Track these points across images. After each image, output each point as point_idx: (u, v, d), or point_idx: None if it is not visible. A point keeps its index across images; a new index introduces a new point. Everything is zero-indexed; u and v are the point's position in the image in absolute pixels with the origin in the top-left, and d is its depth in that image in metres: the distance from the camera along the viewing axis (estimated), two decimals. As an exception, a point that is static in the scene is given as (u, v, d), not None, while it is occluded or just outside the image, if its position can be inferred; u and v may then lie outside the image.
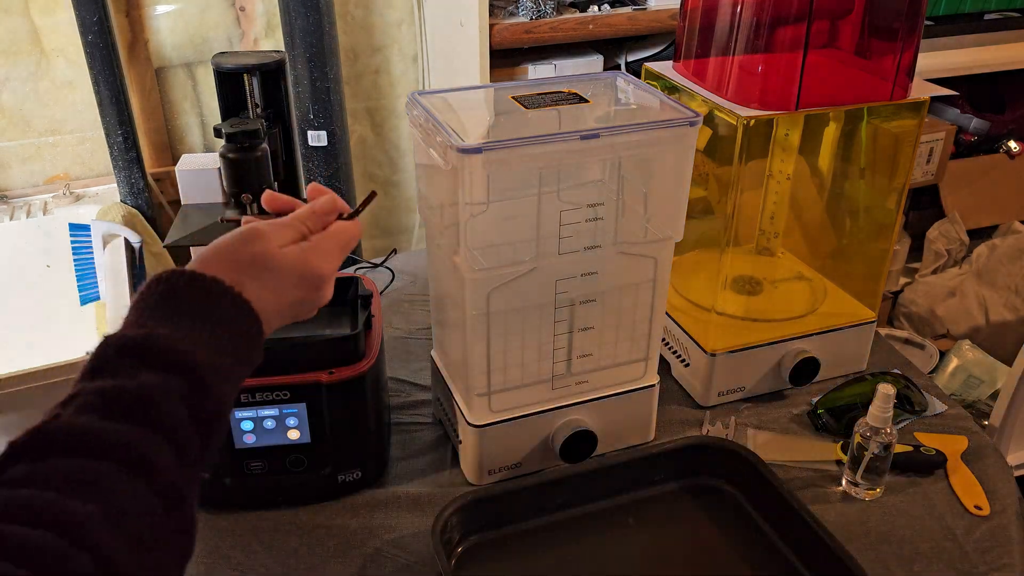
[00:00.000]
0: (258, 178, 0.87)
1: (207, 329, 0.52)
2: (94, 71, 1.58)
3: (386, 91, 1.94)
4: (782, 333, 1.09)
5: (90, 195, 1.74)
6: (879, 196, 1.14)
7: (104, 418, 0.46)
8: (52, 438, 0.45)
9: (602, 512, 0.94)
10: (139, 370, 0.48)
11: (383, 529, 0.92)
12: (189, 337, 0.51)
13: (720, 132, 1.02)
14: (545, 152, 0.80)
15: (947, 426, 1.07)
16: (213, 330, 0.52)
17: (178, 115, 1.79)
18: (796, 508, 0.87)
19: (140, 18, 1.69)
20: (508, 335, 0.89)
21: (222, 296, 0.53)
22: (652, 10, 1.67)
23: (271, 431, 0.89)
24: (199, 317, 0.52)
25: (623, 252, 0.90)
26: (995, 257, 2.11)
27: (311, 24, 1.63)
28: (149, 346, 0.49)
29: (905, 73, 0.99)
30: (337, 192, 1.94)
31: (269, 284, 0.57)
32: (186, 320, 0.51)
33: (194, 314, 0.52)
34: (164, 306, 0.52)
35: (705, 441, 0.99)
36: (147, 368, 0.48)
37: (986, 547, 0.89)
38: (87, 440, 0.45)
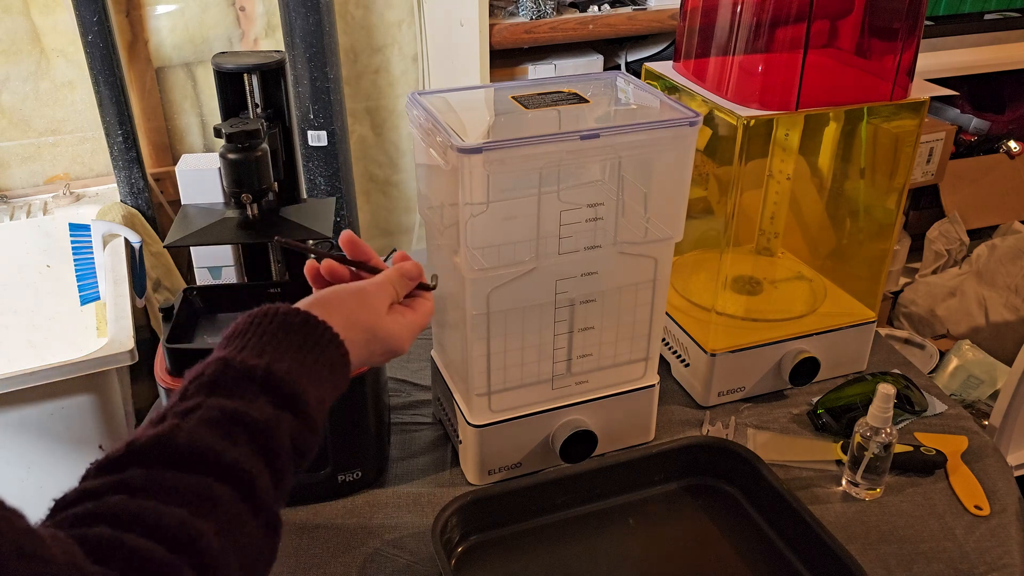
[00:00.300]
0: (258, 178, 0.87)
1: (318, 372, 0.55)
2: (94, 71, 1.58)
3: (386, 91, 1.94)
4: (782, 333, 1.09)
5: (90, 195, 1.74)
6: (879, 196, 1.14)
7: (224, 438, 0.48)
8: (175, 449, 0.47)
9: (602, 512, 0.94)
10: (259, 398, 0.51)
11: (383, 529, 0.92)
12: (305, 376, 0.54)
13: (720, 132, 1.02)
14: (545, 152, 0.80)
15: (947, 426, 1.07)
16: (321, 374, 0.56)
17: (178, 115, 1.79)
18: (796, 508, 0.87)
19: (140, 18, 1.69)
20: (508, 335, 0.89)
21: (332, 345, 0.57)
22: (652, 10, 1.67)
23: (271, 431, 0.89)
24: (313, 358, 0.55)
25: (623, 252, 0.90)
26: (995, 257, 2.11)
27: (311, 24, 1.63)
28: (270, 378, 0.52)
29: (905, 73, 0.99)
30: (336, 192, 1.93)
31: (366, 348, 0.62)
32: (301, 358, 0.55)
33: (308, 354, 0.55)
34: (282, 340, 0.55)
35: (705, 441, 0.99)
36: (266, 398, 0.51)
37: (986, 547, 0.89)
38: (209, 459, 0.47)
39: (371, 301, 0.64)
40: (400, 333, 0.65)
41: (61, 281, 1.61)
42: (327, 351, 0.57)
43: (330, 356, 0.57)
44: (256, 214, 0.89)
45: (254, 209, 0.89)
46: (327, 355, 0.57)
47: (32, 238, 1.63)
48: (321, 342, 0.57)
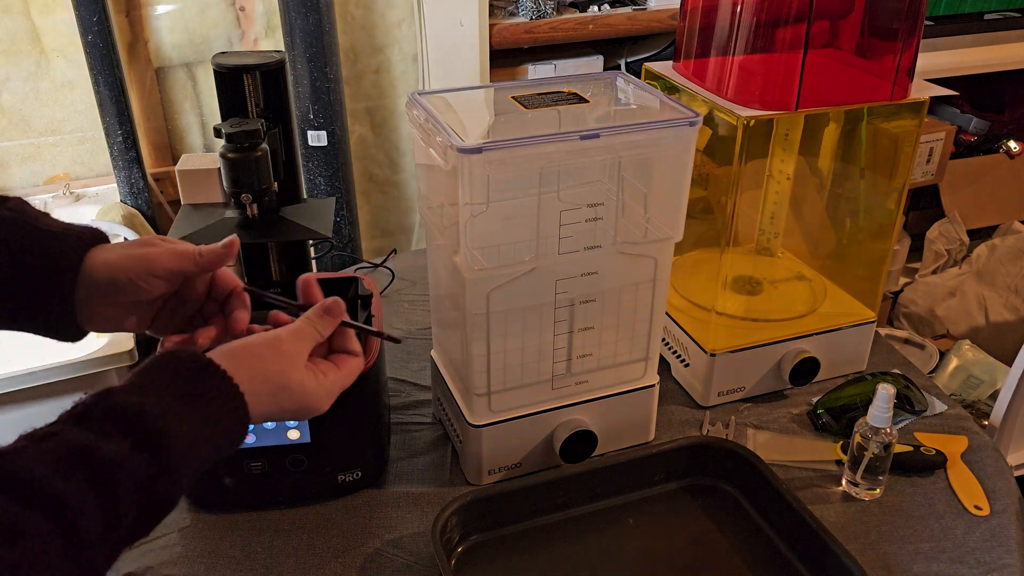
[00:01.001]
0: (258, 178, 0.87)
1: (198, 421, 0.53)
2: (94, 71, 1.58)
3: (386, 91, 1.94)
4: (782, 333, 1.09)
5: (90, 195, 1.74)
6: (879, 196, 1.14)
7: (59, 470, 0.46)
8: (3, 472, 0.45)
9: (602, 512, 0.94)
10: (117, 436, 0.49)
11: (383, 529, 0.92)
12: (180, 422, 0.52)
13: (720, 132, 1.02)
14: (545, 152, 0.80)
15: (947, 426, 1.07)
16: (202, 423, 0.53)
17: (178, 115, 1.79)
18: (796, 508, 0.87)
19: (140, 18, 1.69)
20: (508, 335, 0.89)
21: (225, 396, 0.55)
22: (652, 10, 1.67)
23: (271, 431, 0.89)
24: (198, 407, 0.53)
25: (623, 252, 0.90)
26: (995, 257, 2.11)
27: (311, 24, 1.63)
28: (137, 417, 0.50)
29: (905, 73, 0.99)
30: (336, 192, 1.93)
31: (276, 402, 0.60)
32: (183, 404, 0.53)
33: (194, 402, 0.53)
34: (170, 383, 0.53)
35: (705, 441, 0.99)
36: (126, 437, 0.49)
37: (986, 547, 0.89)
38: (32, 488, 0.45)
39: (285, 349, 0.61)
40: (316, 392, 0.62)
41: (61, 281, 1.60)
42: (217, 401, 0.55)
43: (220, 406, 0.55)
44: (256, 214, 0.89)
45: (254, 209, 0.89)
46: (216, 405, 0.54)
47: (32, 238, 1.63)
48: (211, 391, 0.55)
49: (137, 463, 0.49)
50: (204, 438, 0.54)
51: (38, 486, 0.45)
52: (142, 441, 0.50)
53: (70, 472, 0.46)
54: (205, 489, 0.94)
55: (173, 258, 0.65)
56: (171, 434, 0.51)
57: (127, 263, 0.64)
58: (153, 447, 0.50)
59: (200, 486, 0.94)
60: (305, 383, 0.62)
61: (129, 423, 0.50)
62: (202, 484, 0.93)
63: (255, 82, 0.90)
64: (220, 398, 0.55)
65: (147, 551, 0.89)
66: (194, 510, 0.94)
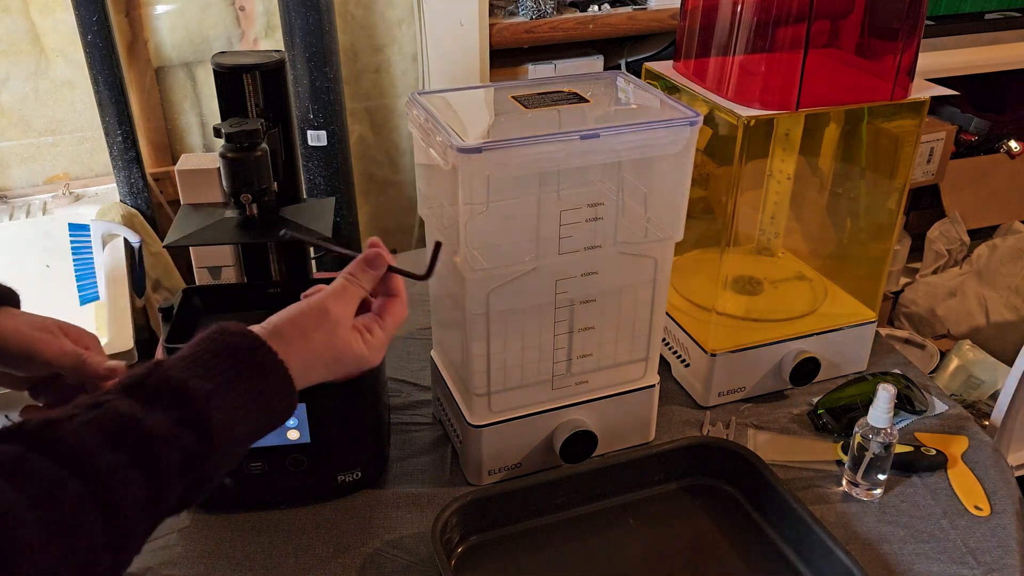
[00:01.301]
0: (258, 178, 0.87)
1: (244, 399, 0.53)
2: (94, 71, 1.58)
3: (386, 91, 1.93)
4: (782, 333, 1.09)
5: (90, 195, 1.74)
6: (879, 196, 1.13)
7: (106, 441, 0.47)
8: (53, 436, 0.46)
9: (602, 512, 0.94)
10: (164, 410, 0.49)
11: (383, 529, 0.92)
12: (224, 401, 0.52)
13: (720, 132, 1.02)
14: (545, 152, 0.80)
15: (948, 426, 1.07)
16: (248, 402, 0.53)
17: (178, 115, 1.79)
18: (796, 508, 0.87)
19: (140, 18, 1.68)
20: (508, 335, 0.89)
21: (274, 376, 0.55)
22: (652, 10, 1.67)
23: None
24: (242, 386, 0.53)
25: (623, 252, 0.90)
26: (996, 257, 2.11)
27: (311, 24, 1.63)
28: (182, 393, 0.50)
29: (905, 73, 0.99)
30: (336, 192, 1.93)
31: (328, 372, 0.60)
32: (227, 383, 0.53)
33: (238, 381, 0.53)
34: (218, 362, 0.53)
35: (705, 441, 0.99)
36: (171, 412, 0.50)
37: (986, 547, 0.89)
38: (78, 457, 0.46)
39: (332, 319, 0.60)
40: (365, 354, 0.62)
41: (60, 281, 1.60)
42: (270, 385, 0.55)
43: (271, 389, 0.55)
44: (256, 214, 0.89)
45: (254, 209, 0.89)
46: (268, 388, 0.54)
47: (31, 238, 1.63)
48: (264, 375, 0.54)
49: (185, 440, 0.49)
50: (252, 420, 0.54)
51: (83, 454, 0.46)
52: (190, 420, 0.50)
53: (117, 443, 0.47)
54: (205, 489, 0.93)
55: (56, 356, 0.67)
56: (218, 416, 0.51)
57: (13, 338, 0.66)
58: (202, 426, 0.50)
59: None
60: (354, 347, 0.61)
61: (179, 398, 0.50)
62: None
63: (255, 82, 0.90)
64: (272, 382, 0.55)
65: (147, 551, 0.89)
66: (194, 510, 0.94)
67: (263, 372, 0.54)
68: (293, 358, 0.56)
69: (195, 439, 0.50)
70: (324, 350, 0.59)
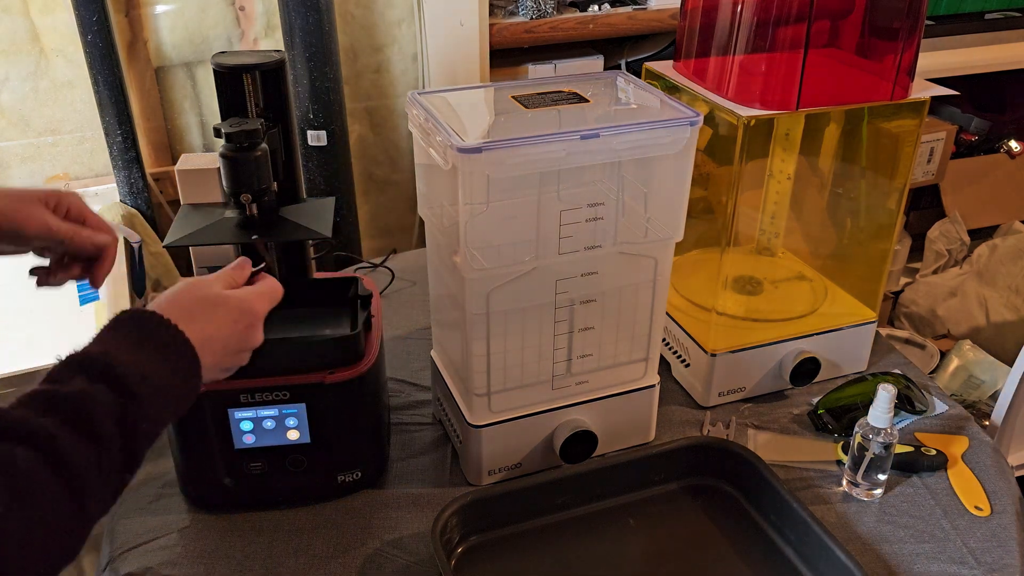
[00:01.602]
0: (258, 178, 0.87)
1: (145, 353, 0.59)
2: (94, 71, 1.58)
3: (386, 90, 1.93)
4: (783, 333, 1.09)
5: (89, 195, 1.74)
6: (880, 196, 1.13)
7: (37, 414, 0.51)
8: None
9: (602, 512, 0.94)
10: (76, 378, 0.54)
11: (383, 529, 0.92)
12: (129, 357, 0.57)
13: (720, 132, 1.01)
14: (545, 152, 0.80)
15: (948, 426, 1.07)
16: (151, 354, 0.59)
17: (178, 115, 1.79)
18: (796, 508, 0.86)
19: (140, 18, 1.68)
20: (508, 335, 0.89)
21: (162, 328, 0.61)
22: (652, 9, 1.67)
23: (271, 431, 0.89)
24: (141, 344, 0.59)
25: (623, 252, 0.90)
26: (996, 257, 2.11)
27: (311, 23, 1.63)
28: (89, 359, 0.56)
29: (906, 73, 0.99)
30: (336, 192, 1.92)
31: (213, 320, 0.66)
32: (130, 345, 0.58)
33: (138, 341, 0.59)
34: (116, 333, 0.59)
35: (705, 441, 0.99)
36: (83, 377, 0.55)
37: (986, 547, 0.89)
38: (11, 428, 0.50)
39: (204, 283, 0.69)
40: (239, 295, 0.70)
41: (61, 281, 1.60)
42: (160, 333, 0.60)
43: (164, 337, 0.60)
44: (256, 214, 0.89)
45: (254, 209, 0.89)
46: (161, 337, 0.60)
47: (32, 238, 1.63)
48: (152, 328, 0.61)
49: (102, 394, 0.54)
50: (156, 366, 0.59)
51: (17, 423, 0.50)
52: (97, 375, 0.55)
53: (45, 410, 0.52)
54: (205, 489, 0.94)
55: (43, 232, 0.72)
56: (120, 363, 0.56)
57: None
58: (105, 377, 0.55)
59: (200, 486, 0.94)
60: (225, 293, 0.69)
61: (80, 364, 0.55)
62: (202, 484, 0.93)
63: (255, 82, 0.90)
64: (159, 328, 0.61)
65: (147, 551, 0.89)
66: (194, 510, 0.94)
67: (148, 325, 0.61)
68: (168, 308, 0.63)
69: (109, 390, 0.55)
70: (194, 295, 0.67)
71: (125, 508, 0.95)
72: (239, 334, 0.68)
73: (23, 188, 0.75)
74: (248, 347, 0.70)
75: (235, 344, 0.68)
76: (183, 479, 0.94)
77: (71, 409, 0.52)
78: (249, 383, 0.86)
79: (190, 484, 0.94)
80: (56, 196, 0.74)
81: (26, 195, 0.72)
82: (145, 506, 0.95)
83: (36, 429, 0.50)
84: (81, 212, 0.76)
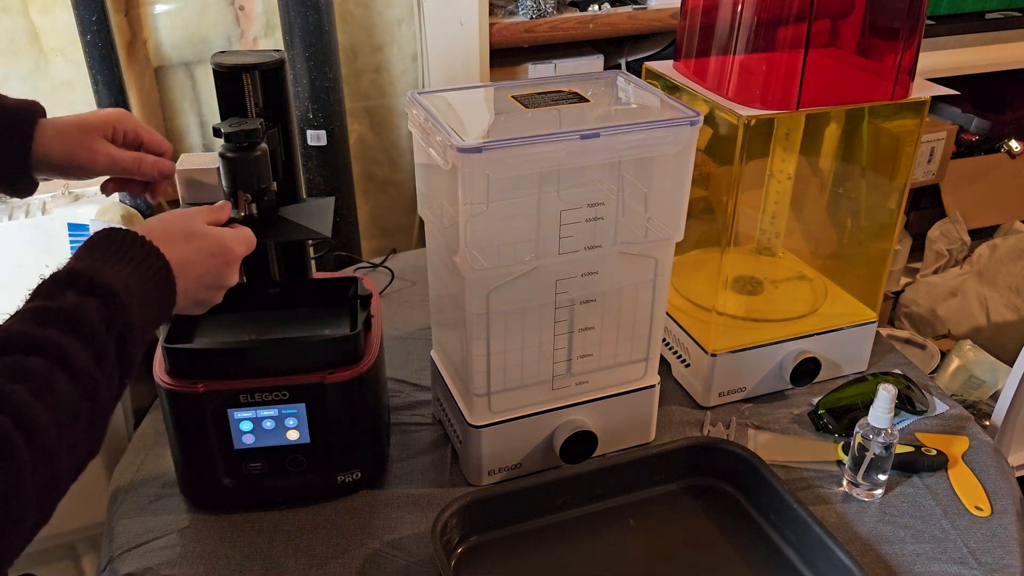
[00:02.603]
0: (257, 178, 0.87)
1: (126, 268, 0.63)
2: (93, 71, 1.58)
3: (386, 90, 1.93)
4: (783, 333, 1.09)
5: (89, 195, 1.74)
6: (880, 196, 1.13)
7: (37, 326, 0.56)
8: None
9: (602, 512, 0.94)
10: (66, 293, 0.59)
11: (382, 530, 0.92)
12: (111, 272, 0.62)
13: (721, 132, 1.01)
14: (545, 152, 0.80)
15: (948, 426, 1.07)
16: (132, 269, 0.64)
17: (177, 115, 1.79)
18: (796, 508, 0.86)
19: (139, 17, 1.68)
20: (508, 335, 0.89)
21: (138, 245, 0.65)
22: (653, 9, 1.67)
23: (270, 431, 0.89)
24: (121, 260, 0.63)
25: (623, 252, 0.90)
26: (996, 257, 2.11)
27: (310, 23, 1.63)
28: (75, 275, 0.60)
29: (906, 72, 0.99)
30: (336, 192, 1.92)
31: (190, 247, 0.70)
32: (110, 260, 0.63)
33: (117, 257, 0.63)
34: (96, 250, 0.63)
35: (706, 442, 0.98)
36: (72, 291, 0.59)
37: (987, 548, 0.89)
38: (21, 342, 0.54)
39: (189, 214, 0.73)
40: (220, 232, 0.74)
41: (60, 281, 1.60)
42: (131, 250, 0.64)
43: (136, 254, 0.64)
44: (255, 214, 0.89)
45: (253, 209, 0.89)
46: (139, 254, 0.64)
47: (31, 238, 1.63)
48: (132, 246, 0.65)
49: (91, 306, 0.58)
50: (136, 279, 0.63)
51: (24, 338, 0.55)
52: (86, 289, 0.59)
53: (44, 324, 0.56)
54: (205, 489, 0.93)
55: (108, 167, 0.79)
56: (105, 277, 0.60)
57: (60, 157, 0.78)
58: (96, 291, 0.59)
59: (200, 486, 0.94)
60: (204, 227, 0.73)
61: (68, 281, 0.59)
62: (202, 484, 0.93)
63: (254, 81, 0.90)
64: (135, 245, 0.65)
65: (147, 551, 0.89)
66: (194, 510, 0.94)
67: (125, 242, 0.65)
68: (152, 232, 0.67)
69: (98, 302, 0.59)
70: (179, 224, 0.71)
71: (125, 508, 0.95)
72: (215, 268, 0.72)
73: (83, 121, 0.79)
74: (222, 284, 0.74)
75: (210, 278, 0.72)
76: (183, 479, 0.94)
77: (69, 321, 0.57)
78: (249, 383, 0.86)
79: (190, 484, 0.94)
80: (112, 125, 0.80)
81: (87, 129, 0.78)
82: (145, 506, 0.95)
83: (42, 341, 0.55)
84: (137, 135, 0.81)
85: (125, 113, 0.82)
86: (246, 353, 0.87)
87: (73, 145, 0.78)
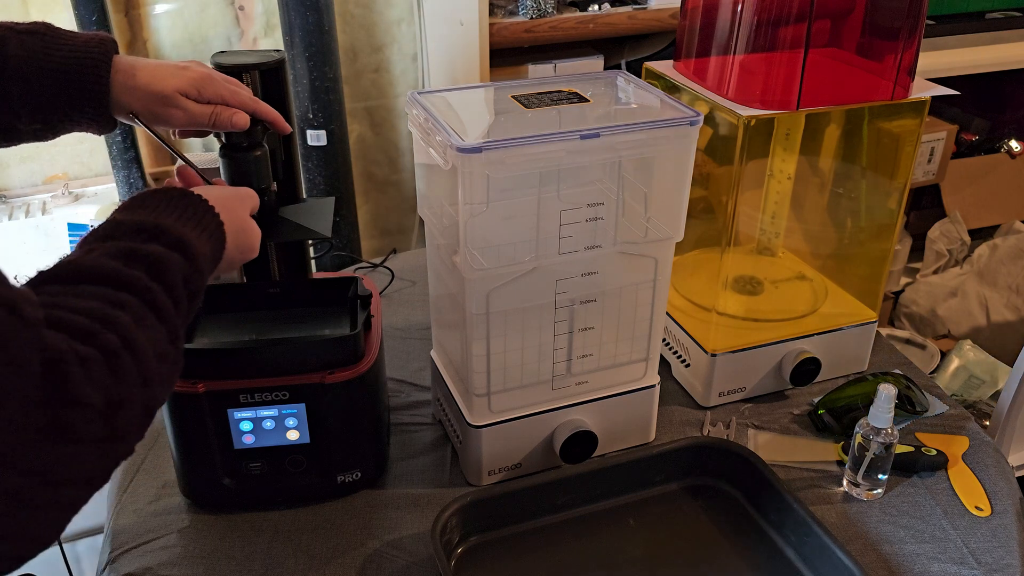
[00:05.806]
0: (257, 178, 0.87)
1: (203, 234, 0.66)
2: (93, 70, 1.58)
3: (385, 90, 1.93)
4: (783, 333, 1.09)
5: (89, 195, 1.74)
6: (880, 196, 1.13)
7: (122, 263, 0.57)
8: (83, 270, 0.55)
9: (602, 512, 0.94)
10: (151, 242, 0.60)
11: (382, 530, 0.92)
12: (193, 235, 0.64)
13: (721, 131, 1.01)
14: (545, 152, 0.80)
15: (948, 426, 1.07)
16: (207, 237, 0.66)
17: (178, 114, 1.79)
18: (796, 508, 0.86)
19: (139, 17, 1.68)
20: (508, 335, 0.89)
21: (209, 214, 0.68)
22: (653, 9, 1.67)
23: (270, 431, 0.89)
24: (198, 225, 0.66)
25: (623, 252, 0.90)
26: (996, 257, 2.11)
27: (310, 23, 1.63)
28: (157, 228, 0.62)
29: (906, 72, 0.99)
30: (336, 192, 1.93)
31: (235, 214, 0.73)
32: (191, 224, 0.65)
33: (195, 222, 0.66)
34: (166, 207, 0.65)
35: (706, 442, 0.98)
36: (158, 243, 0.60)
37: (987, 548, 0.89)
38: (113, 277, 0.55)
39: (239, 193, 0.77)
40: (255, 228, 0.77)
41: (60, 281, 1.60)
42: (205, 217, 0.67)
43: (208, 221, 0.67)
44: (255, 214, 0.89)
45: (253, 209, 0.89)
46: (206, 220, 0.67)
47: (31, 238, 1.63)
48: (199, 210, 0.67)
49: (175, 260, 0.60)
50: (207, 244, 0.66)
51: (115, 273, 0.56)
52: (172, 244, 0.61)
53: (132, 265, 0.57)
54: (205, 489, 0.93)
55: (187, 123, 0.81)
56: (189, 238, 0.63)
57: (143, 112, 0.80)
58: (180, 248, 0.61)
59: (200, 486, 0.94)
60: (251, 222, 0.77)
61: (154, 233, 0.61)
62: (202, 484, 0.93)
63: (254, 81, 0.90)
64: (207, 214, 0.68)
65: (147, 552, 0.89)
66: (194, 510, 0.94)
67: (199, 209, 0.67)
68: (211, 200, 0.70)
69: (185, 260, 0.61)
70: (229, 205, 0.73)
71: (125, 508, 0.95)
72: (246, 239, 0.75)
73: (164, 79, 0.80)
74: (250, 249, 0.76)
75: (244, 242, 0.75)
76: (183, 479, 0.94)
77: (155, 268, 0.58)
78: (249, 383, 0.86)
79: (190, 484, 0.94)
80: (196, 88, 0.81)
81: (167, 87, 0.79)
82: (145, 506, 0.95)
83: (133, 279, 0.56)
84: (218, 93, 0.82)
85: (210, 77, 0.82)
86: (246, 353, 0.87)
87: (152, 101, 0.80)
